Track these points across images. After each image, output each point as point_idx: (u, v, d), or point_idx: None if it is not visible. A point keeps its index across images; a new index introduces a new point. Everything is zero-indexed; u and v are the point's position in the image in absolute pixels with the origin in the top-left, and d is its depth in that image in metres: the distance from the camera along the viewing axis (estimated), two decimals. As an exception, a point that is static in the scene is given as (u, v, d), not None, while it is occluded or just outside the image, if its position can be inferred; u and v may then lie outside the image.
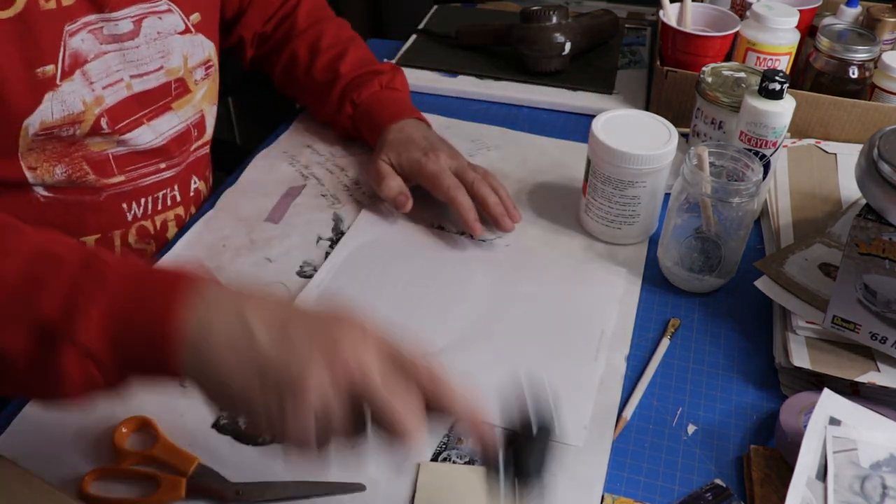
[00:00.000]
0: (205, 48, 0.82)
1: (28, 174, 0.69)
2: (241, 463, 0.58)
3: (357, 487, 0.57)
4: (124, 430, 0.59)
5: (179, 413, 0.62)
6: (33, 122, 0.65)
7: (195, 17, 0.80)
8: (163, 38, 0.75)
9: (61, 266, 0.46)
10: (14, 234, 0.48)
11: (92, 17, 0.68)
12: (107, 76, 0.71)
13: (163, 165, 0.80)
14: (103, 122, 0.71)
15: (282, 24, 0.97)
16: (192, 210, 0.87)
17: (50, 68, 0.65)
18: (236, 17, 0.94)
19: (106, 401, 0.49)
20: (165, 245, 0.81)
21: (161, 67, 0.76)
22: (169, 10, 0.76)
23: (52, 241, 0.48)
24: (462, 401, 0.46)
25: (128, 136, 0.74)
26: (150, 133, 0.77)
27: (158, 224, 0.82)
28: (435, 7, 1.31)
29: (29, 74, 0.63)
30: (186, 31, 0.78)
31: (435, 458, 0.59)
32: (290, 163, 0.92)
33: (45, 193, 0.72)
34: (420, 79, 1.09)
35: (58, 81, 0.66)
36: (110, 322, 0.45)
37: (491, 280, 0.75)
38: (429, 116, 1.00)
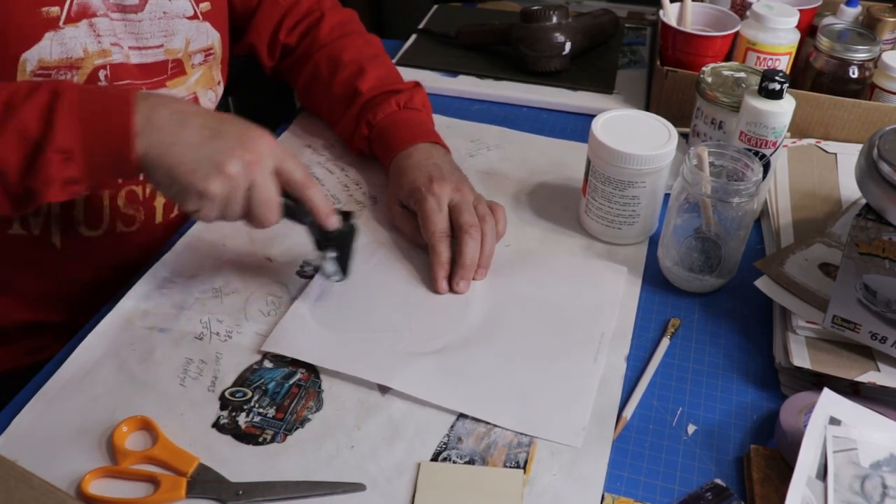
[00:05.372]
0: (209, 36, 0.83)
1: None
2: (241, 463, 0.58)
3: (357, 487, 0.57)
4: (124, 429, 0.60)
5: (179, 413, 0.62)
6: (31, 58, 0.67)
7: (205, 5, 0.81)
8: (168, 19, 0.77)
9: (34, 92, 0.58)
10: None
11: None
12: (112, 36, 0.73)
13: None
14: (101, 76, 0.72)
15: (306, 36, 0.95)
16: None
17: (55, 10, 0.68)
18: (245, 21, 0.93)
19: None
20: (153, 217, 0.83)
21: (162, 45, 0.78)
22: None
23: (19, 83, 0.61)
24: (318, 198, 0.66)
25: None
26: None
27: (147, 191, 0.82)
28: (435, 7, 1.31)
29: (34, 12, 0.67)
30: (194, 17, 0.80)
31: (435, 458, 0.59)
32: (290, 163, 0.92)
33: None
34: (420, 79, 1.08)
35: (61, 24, 0.68)
36: (80, 127, 0.58)
37: (491, 280, 0.75)
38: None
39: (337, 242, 0.70)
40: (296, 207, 0.66)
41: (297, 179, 0.65)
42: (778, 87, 0.72)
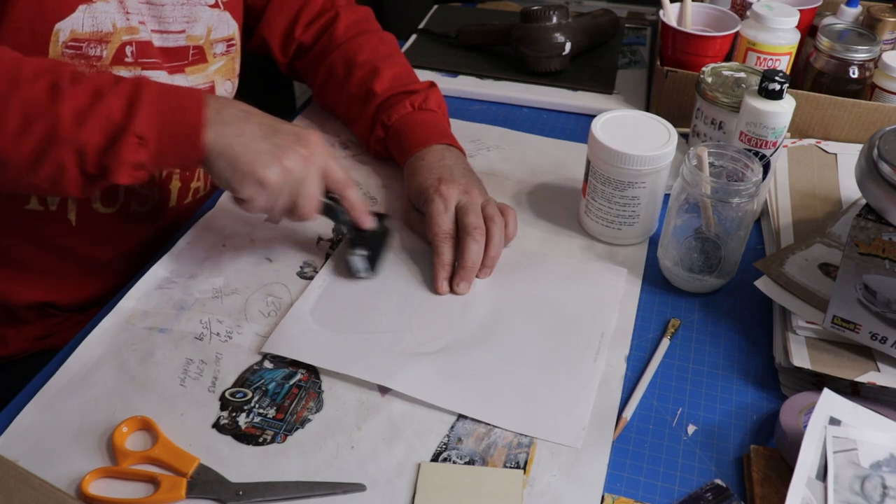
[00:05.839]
0: (230, 26, 0.84)
1: None
2: (241, 463, 0.58)
3: (357, 487, 0.57)
4: (124, 430, 0.60)
5: (179, 413, 0.62)
6: (64, 29, 0.70)
7: None
8: (190, 6, 0.79)
9: (118, 83, 0.63)
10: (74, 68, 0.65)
11: None
12: (140, 15, 0.74)
13: None
14: (128, 51, 0.74)
15: (322, 35, 0.96)
16: (199, 177, 0.88)
17: None
18: (256, 16, 0.94)
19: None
20: (167, 200, 0.85)
21: (184, 31, 0.79)
22: None
23: (103, 73, 0.67)
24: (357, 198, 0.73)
25: (148, 73, 0.77)
26: (167, 81, 0.79)
27: (164, 173, 0.84)
28: (435, 7, 1.31)
29: None
30: (215, 5, 0.82)
31: (435, 459, 0.59)
32: (290, 163, 0.92)
33: None
34: (420, 79, 1.09)
35: None
36: (158, 116, 0.63)
37: (491, 281, 0.75)
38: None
39: (369, 241, 0.74)
40: (335, 206, 0.72)
41: (339, 179, 0.71)
42: (778, 87, 0.72)
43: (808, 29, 1.04)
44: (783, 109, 0.72)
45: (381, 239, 0.75)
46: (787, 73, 0.95)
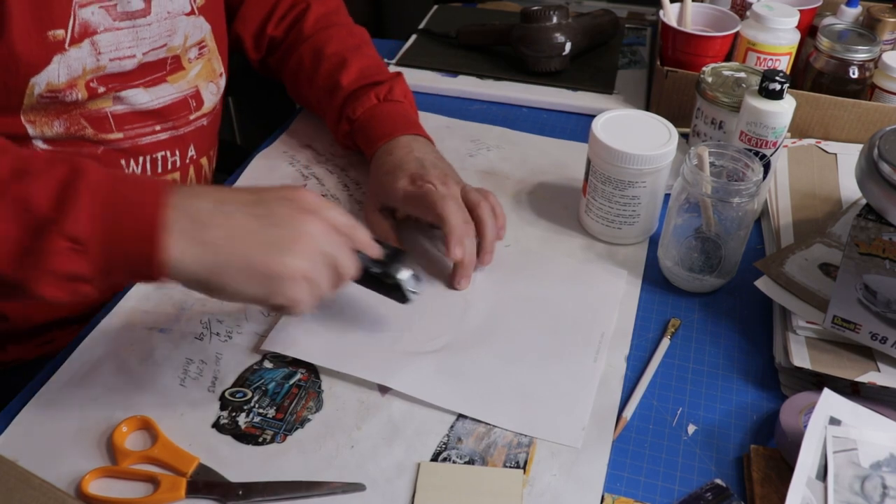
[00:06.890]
0: (202, 30, 0.83)
1: (27, 127, 0.72)
2: (241, 463, 0.58)
3: (357, 487, 0.57)
4: (124, 429, 0.60)
5: (179, 413, 0.62)
6: (40, 82, 0.68)
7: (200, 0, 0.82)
8: (171, 18, 0.78)
9: (52, 165, 0.51)
10: (4, 142, 0.54)
11: None
12: (116, 49, 0.73)
13: (158, 128, 0.81)
14: (94, 85, 0.73)
15: (291, 29, 0.95)
16: (191, 181, 0.87)
17: (60, 32, 0.68)
18: (232, 12, 0.94)
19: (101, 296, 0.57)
20: None
21: (165, 45, 0.78)
22: None
23: (36, 153, 0.56)
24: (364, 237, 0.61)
25: (123, 94, 0.76)
26: (147, 96, 0.79)
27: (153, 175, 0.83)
28: (435, 7, 1.31)
29: (41, 36, 0.67)
30: (191, 12, 0.80)
31: (435, 458, 0.59)
32: (290, 163, 0.92)
33: (44, 146, 0.74)
34: (420, 79, 1.09)
35: (66, 46, 0.69)
36: (99, 212, 0.49)
37: (491, 280, 0.75)
38: (429, 116, 1.00)
39: (394, 265, 0.64)
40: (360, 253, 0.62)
41: (346, 223, 0.58)
42: (778, 87, 0.72)
43: (808, 29, 1.04)
44: (783, 109, 0.72)
45: (401, 257, 0.65)
46: (787, 73, 0.95)
